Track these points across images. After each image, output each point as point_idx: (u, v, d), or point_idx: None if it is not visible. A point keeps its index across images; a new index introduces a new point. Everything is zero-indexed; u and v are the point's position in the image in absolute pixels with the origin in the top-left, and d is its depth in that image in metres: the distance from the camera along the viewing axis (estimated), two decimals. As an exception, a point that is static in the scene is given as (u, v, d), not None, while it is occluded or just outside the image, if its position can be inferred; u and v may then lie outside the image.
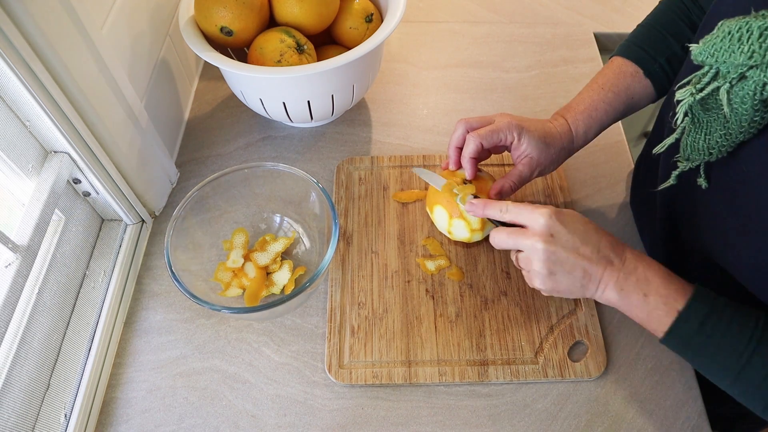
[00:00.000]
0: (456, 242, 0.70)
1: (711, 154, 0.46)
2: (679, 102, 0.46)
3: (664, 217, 0.62)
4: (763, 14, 0.39)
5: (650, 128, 1.23)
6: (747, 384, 0.46)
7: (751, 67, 0.39)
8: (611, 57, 0.67)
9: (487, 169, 0.76)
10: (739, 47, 0.39)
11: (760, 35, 0.38)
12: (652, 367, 0.62)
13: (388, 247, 0.70)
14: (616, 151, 0.81)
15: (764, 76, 0.39)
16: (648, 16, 0.67)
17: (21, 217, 0.54)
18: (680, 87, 0.46)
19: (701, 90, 0.44)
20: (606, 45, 1.00)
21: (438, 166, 0.77)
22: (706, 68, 0.43)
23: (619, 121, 0.84)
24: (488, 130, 0.60)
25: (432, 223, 0.71)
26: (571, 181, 0.77)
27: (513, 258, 0.55)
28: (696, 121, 0.47)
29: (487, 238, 0.69)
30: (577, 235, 0.50)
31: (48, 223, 0.56)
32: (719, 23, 0.42)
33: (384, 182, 0.76)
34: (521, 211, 0.53)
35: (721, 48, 0.41)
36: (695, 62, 0.44)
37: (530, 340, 0.62)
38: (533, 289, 0.66)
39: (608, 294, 0.51)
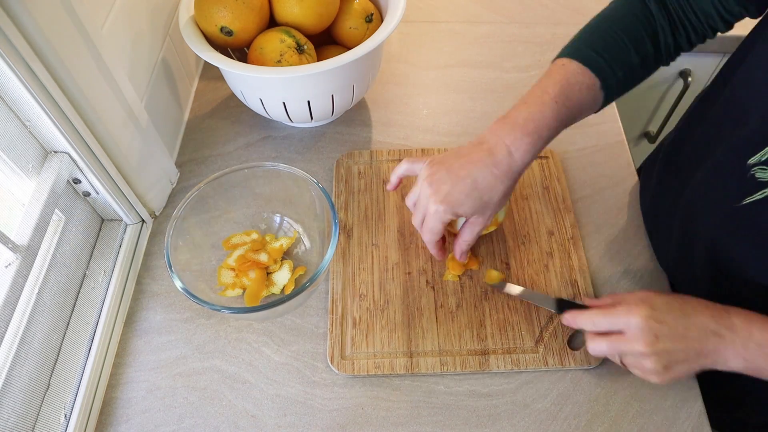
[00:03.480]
0: (455, 234, 0.70)
1: None
2: None
3: (710, 237, 0.58)
4: None
5: (650, 128, 1.24)
6: None
7: None
8: (562, 56, 0.57)
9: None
10: None
11: None
12: (652, 367, 0.62)
13: (388, 239, 0.70)
14: (616, 151, 0.81)
15: None
16: (606, 12, 0.59)
17: (21, 217, 0.54)
18: None
19: None
20: (606, 45, 1.00)
21: None
22: None
23: (619, 121, 0.85)
24: (431, 243, 0.58)
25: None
26: (571, 181, 0.77)
27: (617, 361, 0.53)
28: None
29: (489, 233, 0.70)
30: (680, 323, 0.48)
31: (48, 223, 0.56)
32: None
33: (383, 176, 0.76)
34: (613, 319, 0.51)
35: None
36: None
37: (530, 329, 0.63)
38: (533, 281, 0.67)
39: (731, 365, 0.49)
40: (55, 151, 0.59)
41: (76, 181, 0.63)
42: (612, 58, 0.55)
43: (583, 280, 0.66)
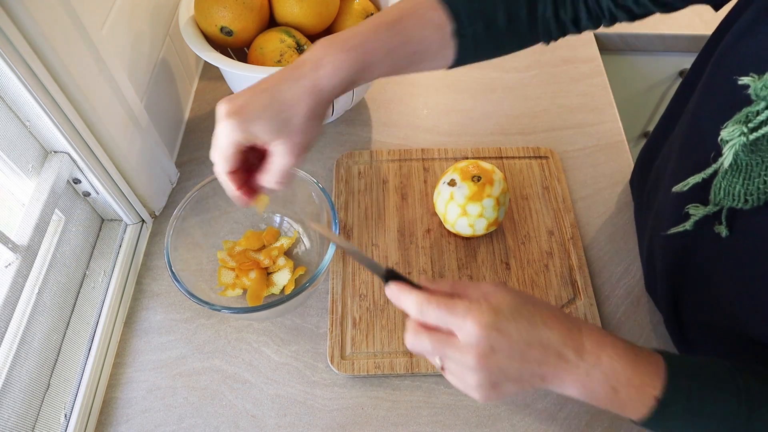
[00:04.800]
0: (455, 235, 0.70)
1: (747, 201, 0.41)
2: (726, 142, 0.40)
3: (665, 265, 0.57)
4: None
5: (650, 128, 1.23)
6: None
7: None
8: None
9: (491, 162, 0.76)
10: None
11: None
12: (652, 367, 0.62)
13: (388, 239, 0.70)
14: (616, 151, 0.81)
15: None
16: None
17: (21, 217, 0.54)
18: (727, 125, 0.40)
19: (754, 129, 0.38)
20: (606, 45, 1.00)
21: (436, 160, 0.77)
22: (762, 105, 0.38)
23: (619, 121, 0.85)
24: (222, 157, 0.50)
25: (432, 215, 0.72)
26: (571, 181, 0.77)
27: (434, 362, 0.43)
28: (737, 162, 0.40)
29: (489, 233, 0.69)
30: (522, 337, 0.40)
31: (48, 223, 0.56)
32: None
33: (383, 176, 0.76)
34: (446, 316, 0.40)
35: None
36: (756, 98, 0.38)
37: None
38: (533, 280, 0.66)
39: (567, 391, 0.42)
40: (55, 151, 0.59)
41: (76, 181, 0.63)
42: (474, 6, 0.49)
43: (583, 280, 0.66)
